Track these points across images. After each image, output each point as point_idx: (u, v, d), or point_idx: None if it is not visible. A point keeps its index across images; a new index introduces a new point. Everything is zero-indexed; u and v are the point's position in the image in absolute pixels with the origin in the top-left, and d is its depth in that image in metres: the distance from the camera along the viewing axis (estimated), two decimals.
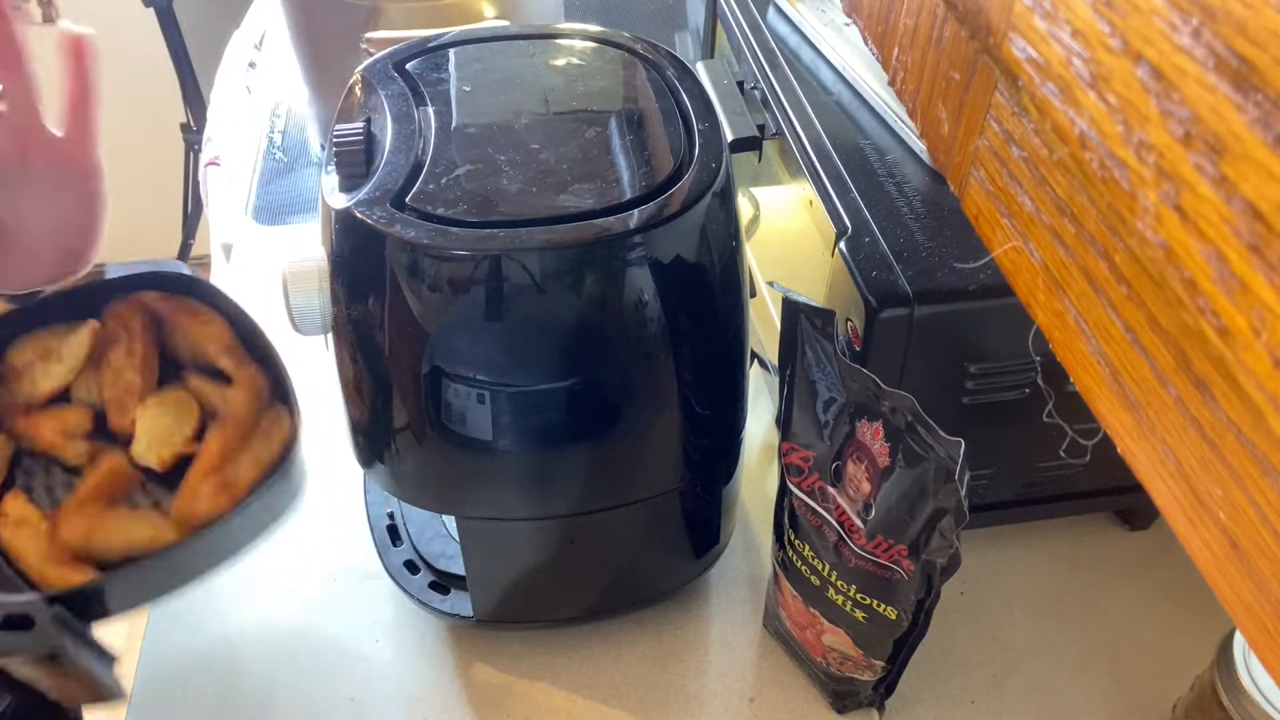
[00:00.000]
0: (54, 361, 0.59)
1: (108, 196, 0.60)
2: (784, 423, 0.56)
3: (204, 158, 1.11)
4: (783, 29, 0.78)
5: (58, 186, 0.57)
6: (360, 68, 0.58)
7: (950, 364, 0.59)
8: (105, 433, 0.58)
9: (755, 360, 0.75)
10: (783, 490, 0.59)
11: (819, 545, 0.56)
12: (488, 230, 0.47)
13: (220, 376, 0.59)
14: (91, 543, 0.53)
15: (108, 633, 0.51)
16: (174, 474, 0.56)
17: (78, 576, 0.51)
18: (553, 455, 0.55)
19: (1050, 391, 0.60)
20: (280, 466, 0.55)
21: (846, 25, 0.75)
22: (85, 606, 0.49)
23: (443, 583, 0.66)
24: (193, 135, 1.78)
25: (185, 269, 0.62)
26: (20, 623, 0.46)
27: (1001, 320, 0.56)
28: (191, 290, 0.62)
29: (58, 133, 0.56)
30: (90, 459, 0.57)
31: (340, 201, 0.49)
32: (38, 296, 0.60)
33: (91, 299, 0.61)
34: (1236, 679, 0.52)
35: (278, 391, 0.59)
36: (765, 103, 0.72)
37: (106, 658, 0.50)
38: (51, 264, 0.59)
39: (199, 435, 0.58)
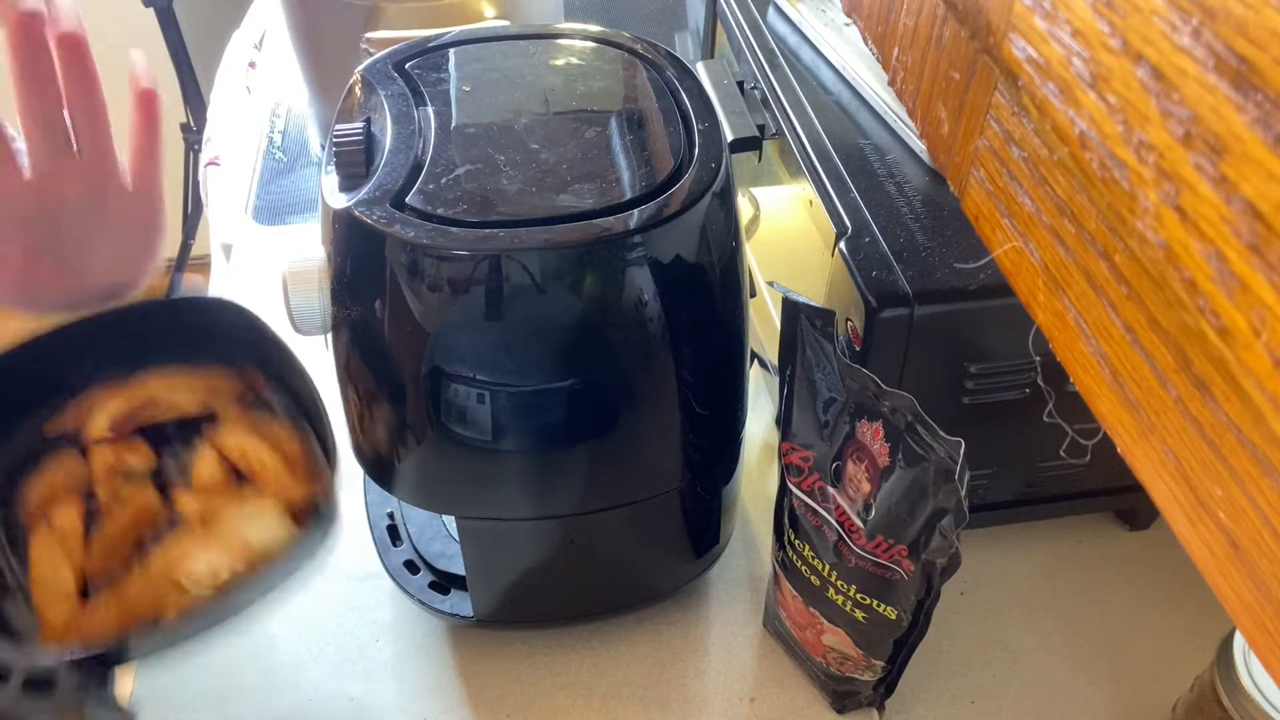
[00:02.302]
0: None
1: (166, 232, 0.61)
2: (784, 423, 0.56)
3: (204, 158, 1.11)
4: (783, 29, 0.78)
5: (125, 229, 0.58)
6: (360, 68, 0.58)
7: (950, 364, 0.59)
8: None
9: (755, 360, 0.75)
10: (783, 490, 0.59)
11: (819, 545, 0.56)
12: (487, 230, 0.47)
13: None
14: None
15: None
16: None
17: (77, 612, 0.50)
18: (553, 455, 0.55)
19: (1050, 391, 0.60)
20: (315, 520, 0.53)
21: (846, 25, 0.75)
22: (106, 659, 0.48)
23: (443, 583, 0.66)
24: (193, 135, 1.78)
25: (208, 295, 0.61)
26: (42, 684, 0.45)
27: (1001, 320, 0.56)
28: (236, 323, 0.60)
29: (125, 175, 0.57)
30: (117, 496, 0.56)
31: (340, 201, 0.49)
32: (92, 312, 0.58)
33: (155, 322, 0.60)
34: (1236, 679, 0.52)
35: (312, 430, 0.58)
36: (765, 103, 0.72)
37: (125, 716, 0.49)
38: (102, 292, 0.60)
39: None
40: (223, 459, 0.57)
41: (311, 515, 0.54)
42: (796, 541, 0.58)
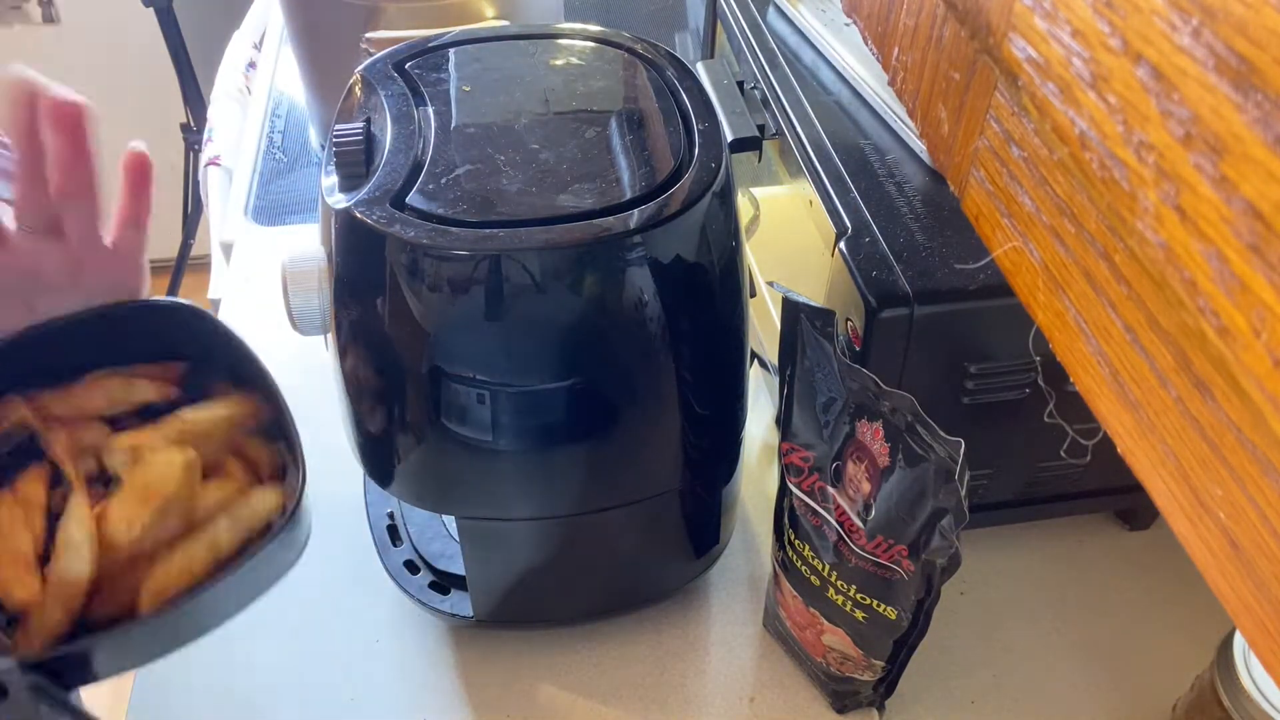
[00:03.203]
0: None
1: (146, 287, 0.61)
2: (784, 423, 0.56)
3: (204, 158, 1.11)
4: (783, 29, 0.78)
5: (102, 292, 0.58)
6: (360, 68, 0.58)
7: (950, 364, 0.59)
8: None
9: (755, 360, 0.75)
10: (783, 490, 0.59)
11: (819, 545, 0.56)
12: (487, 230, 0.47)
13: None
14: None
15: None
16: None
17: (37, 586, 0.48)
18: (553, 455, 0.55)
19: (1050, 391, 0.60)
20: (284, 524, 0.51)
21: (846, 25, 0.75)
22: (68, 672, 0.46)
23: (443, 583, 0.66)
24: (193, 135, 1.78)
25: (186, 302, 0.60)
26: None
27: (1001, 320, 0.56)
28: (195, 325, 0.58)
29: (108, 243, 0.56)
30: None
31: (340, 201, 0.49)
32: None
33: (104, 334, 0.57)
34: (1236, 679, 0.52)
35: (279, 429, 0.55)
36: (765, 103, 0.72)
37: None
38: None
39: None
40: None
41: (280, 521, 0.51)
42: (796, 541, 0.58)
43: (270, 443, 0.55)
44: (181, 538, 0.51)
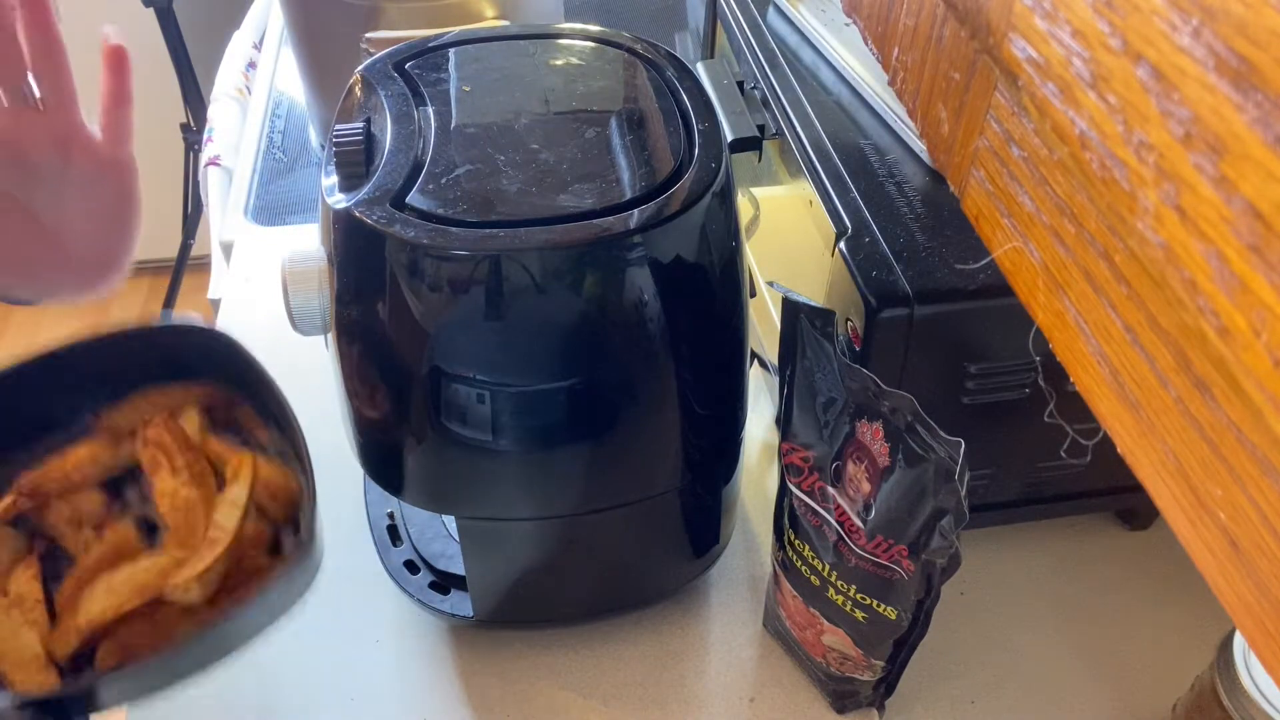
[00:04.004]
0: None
1: (141, 201, 0.61)
2: (784, 423, 0.56)
3: (204, 158, 1.11)
4: (783, 29, 0.78)
5: (96, 183, 0.58)
6: (360, 68, 0.58)
7: (950, 364, 0.59)
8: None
9: (755, 360, 0.75)
10: (783, 490, 0.59)
11: (819, 545, 0.56)
12: (488, 230, 0.47)
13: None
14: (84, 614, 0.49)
15: None
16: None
17: (53, 680, 0.47)
18: (553, 455, 0.55)
19: (1050, 391, 0.60)
20: (296, 556, 0.51)
21: (846, 25, 0.75)
22: (69, 706, 0.45)
23: (443, 583, 0.66)
24: (193, 135, 1.79)
25: (200, 321, 0.59)
26: None
27: (1001, 320, 0.56)
28: (210, 345, 0.57)
29: (95, 132, 0.57)
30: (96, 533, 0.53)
31: (340, 201, 0.49)
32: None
33: (114, 359, 0.57)
34: (1236, 679, 0.52)
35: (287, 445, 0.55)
36: (765, 103, 0.72)
37: None
38: (86, 267, 0.60)
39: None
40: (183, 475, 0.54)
41: (292, 549, 0.51)
42: (796, 541, 0.58)
43: (284, 464, 0.55)
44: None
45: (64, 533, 0.53)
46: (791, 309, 0.54)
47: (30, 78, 0.54)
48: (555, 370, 0.51)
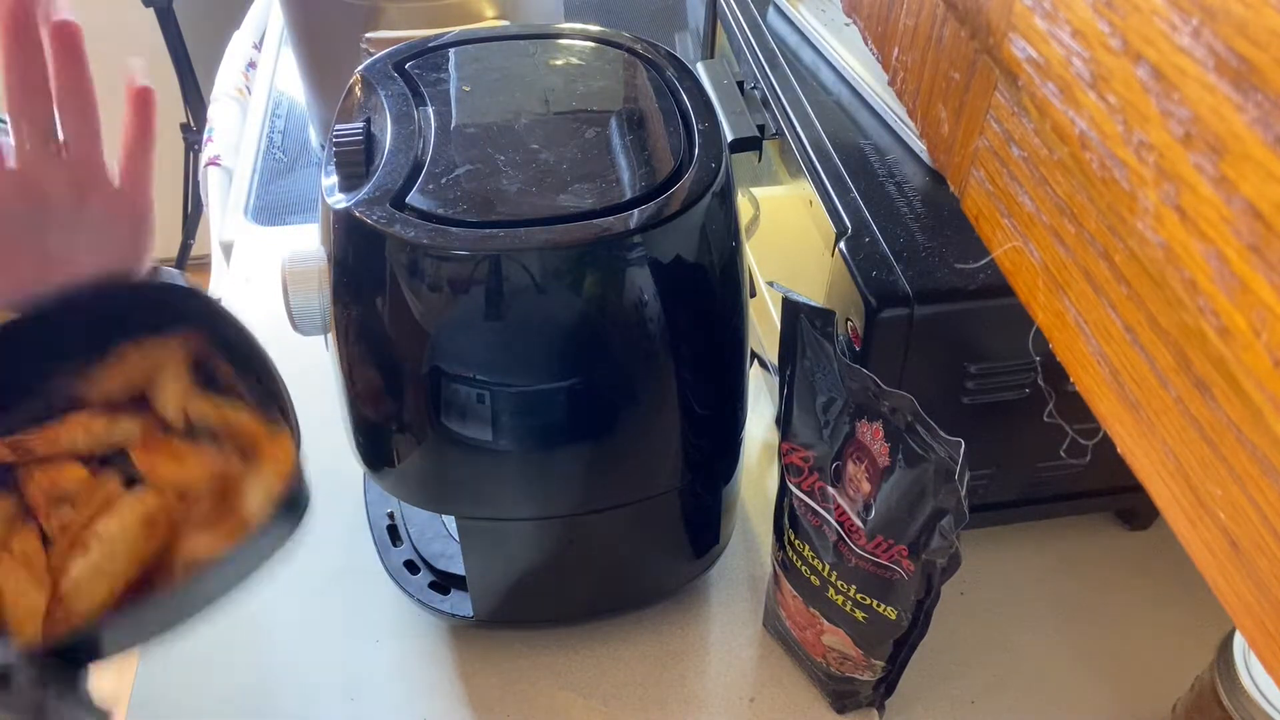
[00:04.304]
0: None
1: (153, 236, 0.60)
2: (784, 423, 0.56)
3: (204, 158, 1.11)
4: (783, 29, 0.78)
5: (110, 224, 0.58)
6: (360, 68, 0.58)
7: (950, 364, 0.59)
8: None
9: (755, 360, 0.75)
10: (783, 490, 0.59)
11: (819, 545, 0.56)
12: (487, 230, 0.47)
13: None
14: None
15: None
16: None
17: (64, 629, 0.48)
18: (553, 455, 0.55)
19: (1050, 391, 0.60)
20: (283, 499, 0.51)
21: (846, 25, 0.75)
22: (73, 654, 0.46)
23: (443, 583, 0.66)
24: (193, 135, 1.78)
25: (178, 279, 0.60)
26: None
27: (1001, 320, 0.56)
28: (189, 304, 0.58)
29: (113, 173, 0.57)
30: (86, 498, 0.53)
31: (340, 201, 0.49)
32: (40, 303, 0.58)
33: (102, 313, 0.56)
34: (1236, 679, 0.52)
35: (272, 406, 0.55)
36: (765, 103, 0.72)
37: (97, 713, 0.47)
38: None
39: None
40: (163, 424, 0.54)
41: (282, 497, 0.51)
42: (796, 541, 0.58)
43: (267, 415, 0.55)
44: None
45: (39, 506, 0.53)
46: (791, 309, 0.54)
47: (56, 116, 0.53)
48: (555, 370, 0.51)
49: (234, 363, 0.57)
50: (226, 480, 0.52)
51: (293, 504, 0.51)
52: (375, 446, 0.57)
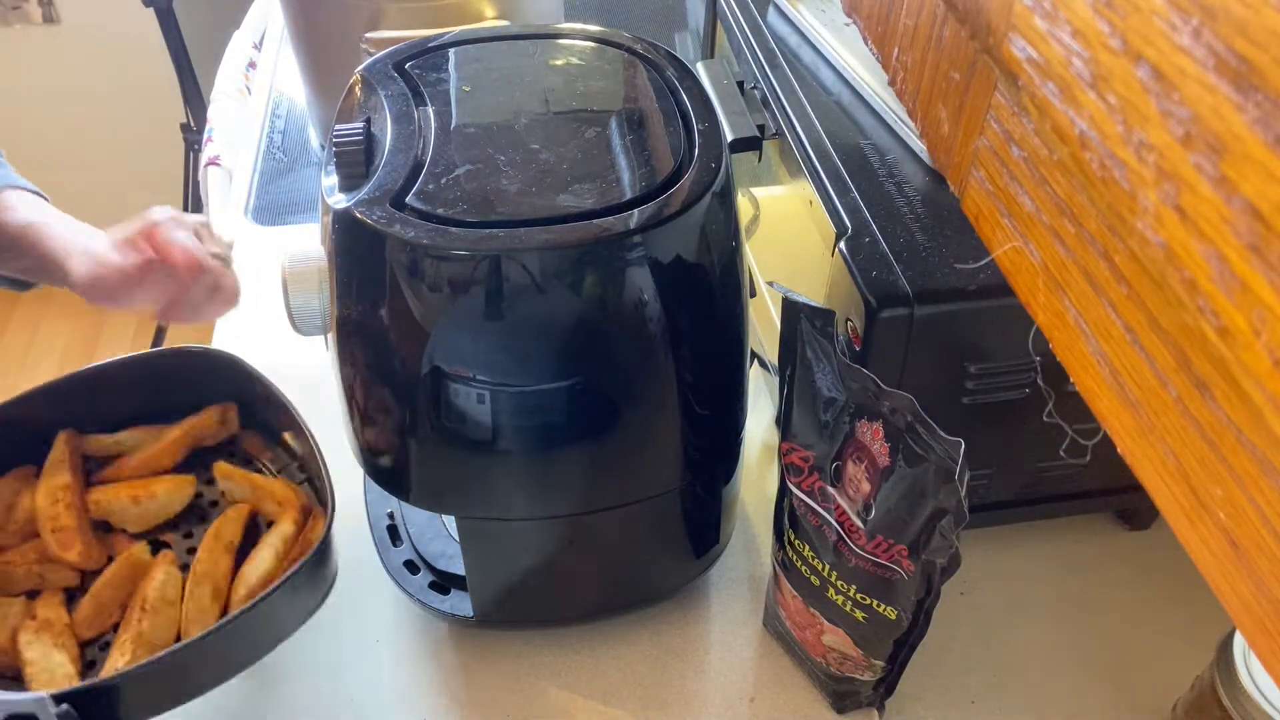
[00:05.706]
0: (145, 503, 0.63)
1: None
2: (784, 423, 0.56)
3: (204, 158, 1.11)
4: (783, 29, 0.78)
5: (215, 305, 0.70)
6: (360, 68, 0.58)
7: (950, 364, 0.59)
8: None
9: (755, 360, 0.75)
10: (783, 490, 0.59)
11: (819, 545, 0.56)
12: (487, 230, 0.47)
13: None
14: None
15: None
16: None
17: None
18: (553, 455, 0.55)
19: (1050, 391, 0.60)
20: (310, 563, 0.55)
21: (846, 25, 0.75)
22: (97, 708, 0.48)
23: (443, 583, 0.66)
24: (193, 135, 1.78)
25: (220, 351, 0.66)
26: None
27: (1001, 320, 0.56)
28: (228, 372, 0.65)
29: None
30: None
31: (340, 201, 0.49)
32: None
33: (144, 380, 0.66)
34: (1236, 679, 0.52)
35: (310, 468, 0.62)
36: (765, 103, 0.72)
37: None
38: None
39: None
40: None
41: (309, 560, 0.55)
42: (796, 541, 0.58)
43: (300, 481, 0.59)
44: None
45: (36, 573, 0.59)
46: (791, 309, 0.54)
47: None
48: (555, 370, 0.51)
49: (259, 425, 0.66)
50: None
51: (320, 569, 0.55)
52: (375, 446, 0.57)
